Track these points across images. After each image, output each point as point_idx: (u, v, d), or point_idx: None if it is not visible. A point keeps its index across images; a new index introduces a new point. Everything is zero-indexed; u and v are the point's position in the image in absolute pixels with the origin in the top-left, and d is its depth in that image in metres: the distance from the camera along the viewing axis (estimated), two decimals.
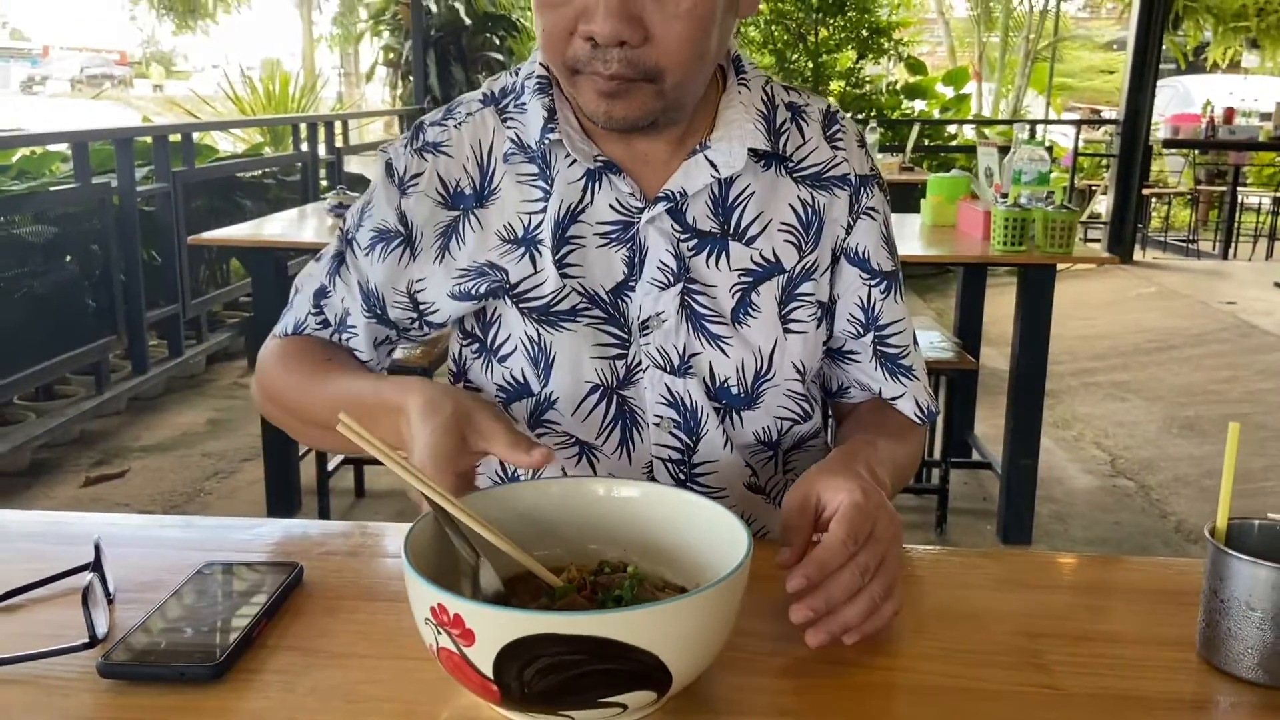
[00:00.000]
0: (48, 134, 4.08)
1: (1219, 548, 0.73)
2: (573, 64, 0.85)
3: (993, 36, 12.66)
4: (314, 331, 1.01)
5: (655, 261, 0.94)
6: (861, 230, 0.99)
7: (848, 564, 0.72)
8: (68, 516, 0.98)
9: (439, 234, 0.97)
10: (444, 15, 8.05)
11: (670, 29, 0.82)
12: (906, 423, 1.03)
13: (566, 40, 0.84)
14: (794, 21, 7.76)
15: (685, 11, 0.82)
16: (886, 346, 1.02)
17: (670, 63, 0.83)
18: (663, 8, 0.81)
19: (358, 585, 0.84)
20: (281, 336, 1.02)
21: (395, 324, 1.00)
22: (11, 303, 3.57)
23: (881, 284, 1.01)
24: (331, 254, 1.02)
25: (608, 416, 0.97)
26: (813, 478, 0.79)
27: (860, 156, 1.01)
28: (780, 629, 0.77)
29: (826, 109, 1.02)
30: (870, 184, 1.00)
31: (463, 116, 0.98)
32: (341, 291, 1.00)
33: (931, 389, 1.06)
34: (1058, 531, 3.16)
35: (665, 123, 0.90)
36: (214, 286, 5.00)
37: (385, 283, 0.98)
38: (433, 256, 0.97)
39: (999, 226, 2.76)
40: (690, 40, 0.83)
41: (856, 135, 1.02)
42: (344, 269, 1.00)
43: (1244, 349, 5.17)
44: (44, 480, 3.47)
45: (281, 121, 7.08)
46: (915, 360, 1.04)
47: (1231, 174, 8.51)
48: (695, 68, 0.86)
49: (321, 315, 1.01)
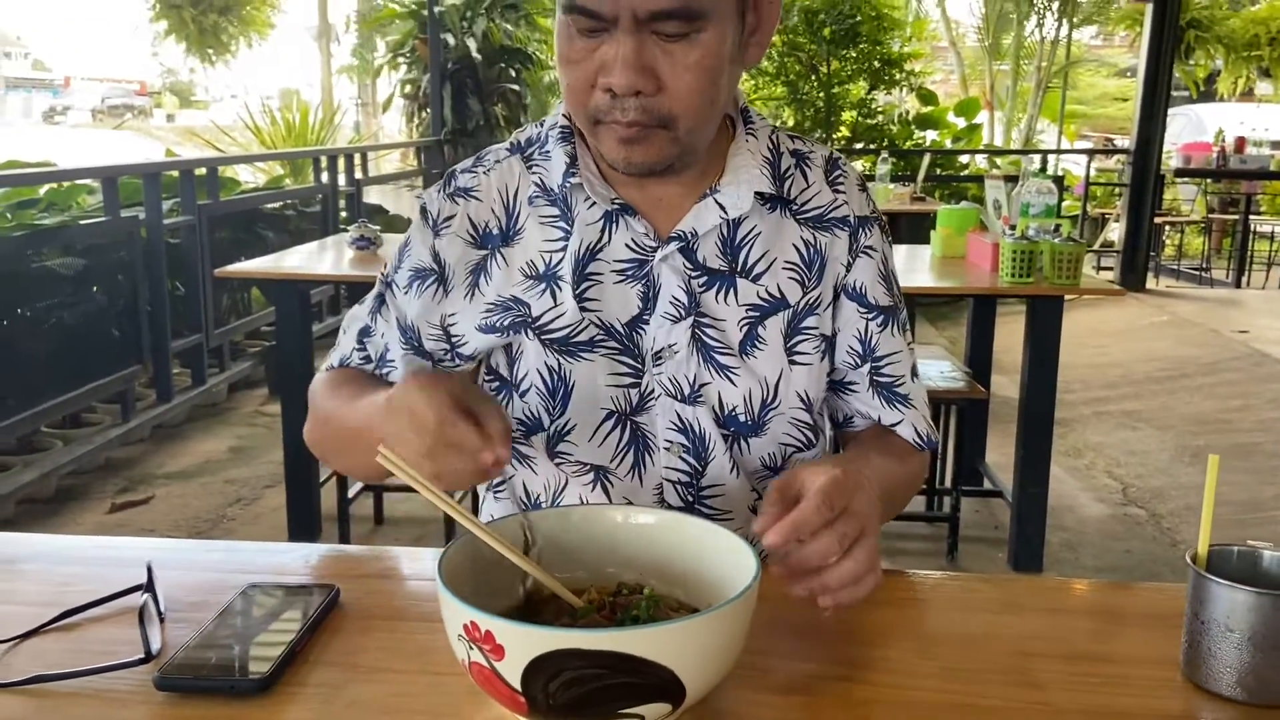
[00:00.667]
0: (79, 169, 4.18)
1: (1199, 573, 0.77)
2: (594, 114, 0.92)
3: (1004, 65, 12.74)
4: (358, 365, 1.10)
5: (668, 297, 1.01)
6: (860, 268, 1.06)
7: (826, 530, 0.77)
8: (119, 541, 1.04)
9: (469, 272, 1.04)
10: (461, 49, 8.19)
11: (681, 79, 0.89)
12: (906, 447, 1.08)
13: (588, 93, 0.92)
14: (806, 53, 7.86)
15: (694, 63, 0.89)
16: (883, 376, 1.07)
17: (682, 109, 0.91)
18: (673, 61, 0.89)
19: (391, 606, 0.89)
20: (328, 370, 1.11)
21: (430, 355, 1.07)
22: (41, 333, 3.66)
23: (878, 318, 1.07)
24: (374, 295, 1.10)
25: (621, 441, 1.03)
26: (798, 468, 0.85)
27: (860, 199, 1.07)
28: (789, 647, 0.82)
29: (829, 155, 1.09)
30: (869, 224, 1.07)
31: (491, 164, 1.06)
32: (382, 328, 1.08)
33: (932, 420, 1.11)
34: (1068, 559, 3.19)
35: (680, 166, 0.97)
36: (235, 316, 5.09)
37: (420, 316, 1.05)
38: (464, 293, 1.04)
39: (1007, 258, 2.81)
40: (699, 90, 0.90)
41: (857, 180, 1.09)
42: (384, 308, 1.08)
43: (1256, 378, 5.18)
44: (71, 507, 3.54)
45: (304, 155, 7.20)
46: (913, 390, 1.09)
47: (1244, 202, 8.54)
48: (705, 114, 0.93)
49: (364, 351, 1.09)
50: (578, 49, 0.91)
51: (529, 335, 1.02)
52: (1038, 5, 11.67)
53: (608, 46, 0.89)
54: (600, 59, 0.90)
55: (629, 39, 0.87)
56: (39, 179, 4.20)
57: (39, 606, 0.86)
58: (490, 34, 8.32)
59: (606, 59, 0.89)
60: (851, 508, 0.79)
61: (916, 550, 3.22)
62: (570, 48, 0.91)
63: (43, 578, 0.95)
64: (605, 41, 0.89)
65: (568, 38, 0.91)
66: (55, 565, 0.98)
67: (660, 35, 0.88)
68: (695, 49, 0.89)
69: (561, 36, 0.92)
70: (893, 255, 1.10)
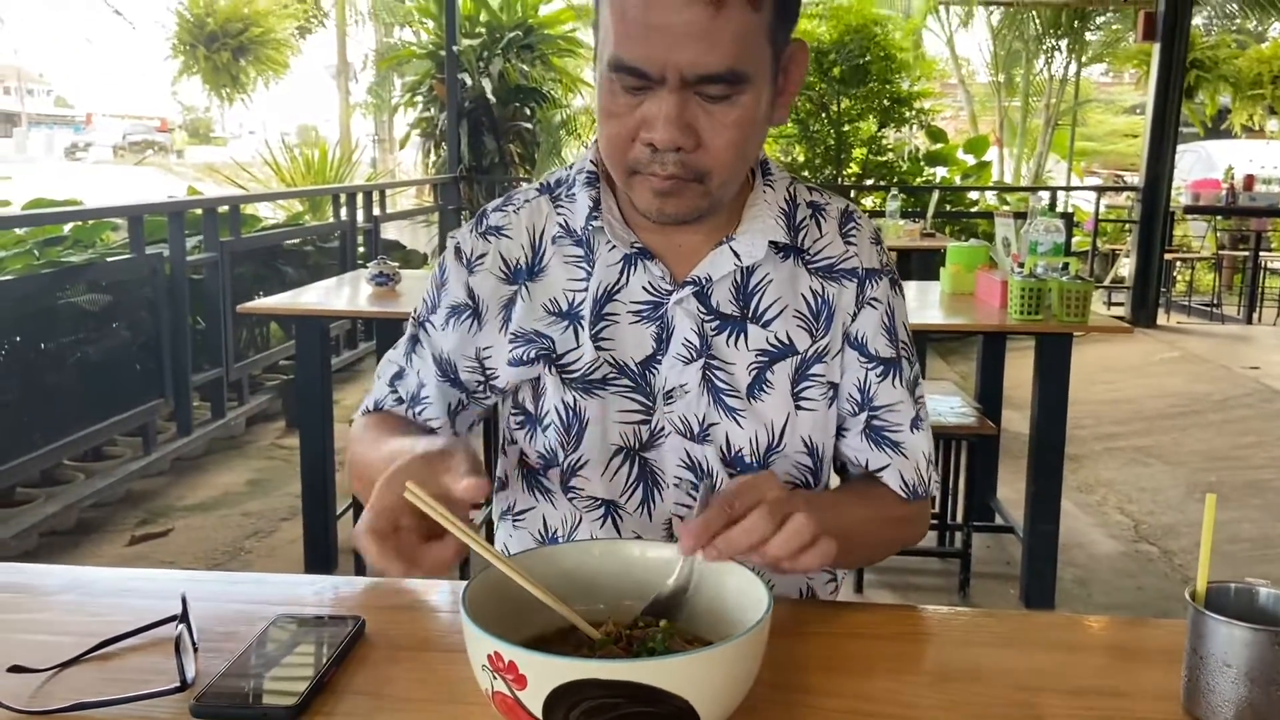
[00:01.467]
0: (107, 209, 4.27)
1: (1198, 609, 0.80)
2: (633, 166, 0.97)
3: (1013, 102, 12.83)
4: (391, 407, 1.14)
5: (681, 338, 1.04)
6: (863, 318, 1.09)
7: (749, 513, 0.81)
8: (152, 573, 1.08)
9: (501, 306, 1.09)
10: (477, 88, 8.31)
11: (719, 136, 0.94)
12: (888, 495, 1.09)
13: (628, 145, 0.96)
14: (817, 92, 7.94)
15: (733, 123, 0.94)
16: (878, 423, 1.09)
17: (716, 166, 0.96)
18: (713, 121, 0.93)
19: (415, 637, 0.92)
20: (363, 414, 1.16)
21: (465, 386, 1.11)
22: (66, 367, 3.72)
23: (878, 368, 1.09)
24: (407, 337, 1.15)
25: (631, 477, 1.06)
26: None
27: (871, 252, 1.10)
28: (801, 678, 0.85)
29: (845, 208, 1.12)
30: (876, 277, 1.10)
31: (520, 203, 1.11)
32: (417, 366, 1.12)
33: (926, 474, 1.10)
34: (1080, 596, 3.19)
35: (706, 216, 1.02)
36: (255, 350, 5.15)
37: (456, 350, 1.10)
38: (497, 327, 1.09)
39: (1016, 296, 2.84)
40: (735, 146, 0.95)
41: (871, 233, 1.12)
42: (418, 348, 1.12)
43: (1267, 414, 5.18)
44: (91, 539, 3.58)
45: (324, 192, 7.31)
46: (908, 440, 1.09)
47: (1254, 239, 8.55)
48: (738, 170, 0.98)
49: (397, 394, 1.14)
50: (621, 104, 0.95)
51: (551, 371, 1.06)
52: (1046, 44, 11.76)
53: (651, 104, 0.93)
54: (642, 115, 0.94)
55: (673, 97, 0.92)
56: (67, 217, 4.28)
57: (77, 636, 0.90)
58: (506, 73, 8.45)
59: (649, 115, 0.93)
60: (769, 499, 0.83)
61: (929, 586, 3.22)
62: (614, 102, 0.95)
63: (79, 608, 0.98)
64: (649, 98, 0.93)
65: (611, 93, 0.95)
66: (90, 596, 1.01)
67: (703, 96, 0.92)
68: (735, 110, 0.93)
69: (605, 91, 0.96)
70: (904, 308, 1.13)
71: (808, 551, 0.83)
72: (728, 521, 0.81)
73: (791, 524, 0.82)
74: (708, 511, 0.82)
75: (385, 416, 1.14)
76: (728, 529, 0.81)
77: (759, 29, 0.92)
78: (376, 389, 1.16)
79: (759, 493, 0.83)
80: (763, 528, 0.81)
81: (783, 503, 0.83)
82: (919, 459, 1.10)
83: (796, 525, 0.82)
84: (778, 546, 0.81)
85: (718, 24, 0.89)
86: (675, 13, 0.89)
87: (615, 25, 0.92)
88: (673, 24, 0.89)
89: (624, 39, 0.91)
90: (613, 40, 0.93)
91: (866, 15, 8.24)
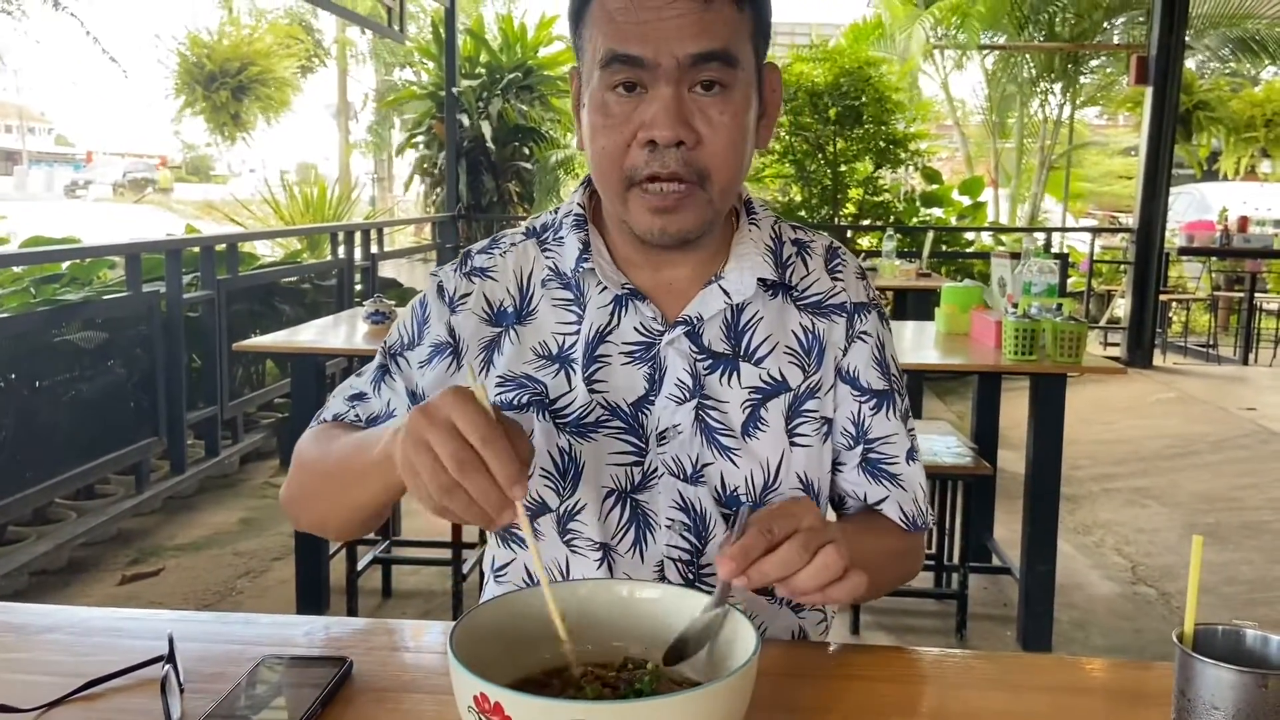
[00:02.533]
0: (104, 247, 4.29)
1: (1185, 651, 0.80)
2: (630, 175, 0.98)
3: (1008, 144, 12.95)
4: (351, 422, 1.11)
5: (673, 379, 1.05)
6: (854, 352, 1.10)
7: (783, 544, 0.81)
8: (139, 612, 1.07)
9: (483, 348, 1.08)
10: (476, 128, 8.38)
11: (717, 134, 0.96)
12: (891, 526, 1.10)
13: (624, 154, 0.97)
14: (813, 133, 8.02)
15: (729, 119, 0.96)
16: (874, 455, 1.10)
17: (717, 165, 0.97)
18: (709, 118, 0.96)
19: (402, 679, 0.92)
20: (317, 424, 1.13)
21: None
22: (60, 406, 3.72)
23: (870, 400, 1.09)
24: (375, 366, 1.12)
25: (623, 519, 1.06)
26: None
27: (858, 286, 1.12)
28: None
29: (829, 245, 1.14)
30: (865, 310, 1.11)
31: (507, 246, 1.12)
32: (386, 396, 1.10)
33: (924, 505, 1.12)
34: (1078, 638, 3.17)
35: (705, 237, 1.03)
36: (249, 388, 5.15)
37: (433, 387, 1.08)
38: (477, 368, 1.08)
39: (1010, 336, 2.85)
40: (733, 144, 0.97)
41: (856, 269, 1.13)
42: (388, 378, 1.10)
43: (1264, 455, 5.18)
44: (82, 578, 3.55)
45: (321, 230, 7.35)
46: (905, 472, 1.11)
47: (1249, 280, 8.59)
48: (735, 174, 1.00)
49: (355, 413, 1.11)
50: (615, 111, 0.96)
51: (544, 417, 1.06)
52: (1040, 87, 11.90)
53: (646, 105, 0.95)
54: (639, 118, 0.95)
55: (670, 90, 0.94)
56: (64, 255, 4.30)
57: (63, 676, 0.89)
58: (505, 113, 8.53)
59: (645, 116, 0.95)
60: (805, 526, 0.83)
61: (925, 628, 3.20)
62: (606, 112, 0.97)
63: (66, 648, 0.98)
64: (643, 100, 0.95)
65: (602, 103, 0.97)
66: (78, 636, 1.01)
67: (699, 87, 0.95)
68: (729, 105, 0.96)
69: (595, 106, 0.98)
70: (892, 340, 1.14)
71: (836, 585, 0.83)
72: (767, 547, 0.81)
73: (821, 557, 0.82)
74: (746, 536, 0.82)
75: (345, 425, 1.11)
76: (765, 556, 0.81)
77: (743, 27, 0.97)
78: (333, 405, 1.13)
79: (796, 520, 0.84)
80: (796, 560, 0.81)
81: (818, 532, 0.83)
82: (916, 490, 1.11)
83: (826, 559, 0.82)
84: (806, 579, 0.82)
85: (708, 14, 0.94)
86: (666, 5, 0.93)
87: (605, 29, 0.95)
88: (664, 14, 0.93)
89: (617, 35, 0.94)
90: (603, 41, 0.95)
91: (861, 58, 8.35)
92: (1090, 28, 10.95)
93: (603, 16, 0.95)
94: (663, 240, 1.00)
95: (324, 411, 1.13)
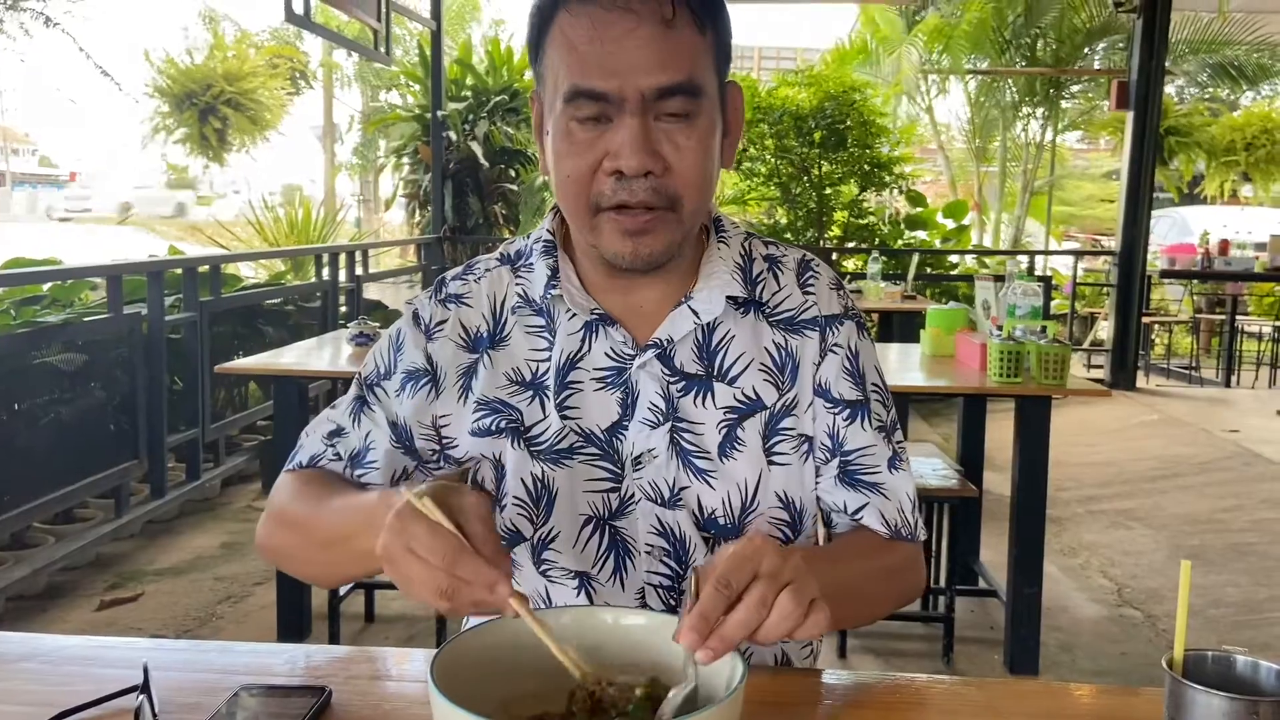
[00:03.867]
0: (85, 268, 4.25)
1: (1175, 678, 0.79)
2: (597, 201, 0.97)
3: (991, 168, 13.06)
4: (329, 463, 1.09)
5: (646, 403, 1.04)
6: (826, 364, 1.08)
7: (743, 599, 0.77)
8: (114, 641, 1.05)
9: (460, 375, 1.07)
10: (462, 150, 8.39)
11: (685, 159, 0.95)
12: (877, 541, 1.07)
13: (590, 180, 0.96)
14: (798, 156, 8.06)
15: (695, 144, 0.96)
16: (851, 467, 1.07)
17: (686, 189, 0.96)
18: (675, 144, 0.95)
19: (381, 709, 0.90)
20: (296, 469, 1.10)
21: (419, 454, 1.08)
22: (39, 429, 3.68)
23: (844, 412, 1.07)
24: (352, 398, 1.11)
25: (602, 546, 1.05)
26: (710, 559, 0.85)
27: (830, 298, 1.10)
28: None
29: (801, 258, 1.12)
30: (837, 322, 1.09)
31: (481, 272, 1.11)
32: (366, 428, 1.08)
33: (911, 515, 1.08)
34: (1065, 662, 3.16)
35: (675, 259, 1.02)
36: (232, 410, 5.11)
37: (412, 416, 1.07)
38: (456, 396, 1.07)
39: (995, 359, 2.86)
40: (700, 168, 0.97)
41: (830, 280, 1.11)
42: (366, 410, 1.09)
43: (1248, 478, 5.20)
44: (60, 603, 3.50)
45: (306, 252, 7.32)
46: (887, 481, 1.07)
47: (1230, 303, 8.66)
48: (705, 196, 0.99)
49: (335, 450, 1.09)
50: (580, 139, 0.95)
51: (517, 445, 1.04)
52: (1022, 112, 12.01)
53: (612, 134, 0.94)
54: (604, 146, 0.94)
55: (636, 121, 0.93)
56: (45, 277, 4.27)
57: (35, 706, 0.87)
58: (491, 136, 8.55)
59: (611, 146, 0.94)
60: (763, 571, 0.79)
61: (912, 651, 3.19)
62: (571, 140, 0.95)
63: (38, 678, 0.96)
64: (607, 130, 0.94)
65: (566, 132, 0.95)
66: (51, 665, 0.99)
67: (664, 117, 0.94)
68: (694, 131, 0.95)
69: (560, 134, 0.96)
70: (872, 351, 1.12)
71: (800, 628, 0.79)
72: (727, 606, 0.77)
73: (778, 610, 0.78)
74: (704, 598, 0.77)
75: (324, 474, 1.08)
76: (725, 615, 0.77)
77: (706, 52, 0.96)
78: (309, 444, 1.10)
79: (753, 564, 0.79)
80: (755, 618, 0.77)
81: (776, 576, 0.79)
82: (901, 499, 1.08)
83: (784, 610, 0.78)
84: (768, 632, 0.78)
85: (670, 41, 0.92)
86: (628, 34, 0.91)
87: (567, 59, 0.93)
88: (626, 45, 0.91)
89: (579, 69, 0.93)
90: (566, 74, 0.94)
91: (846, 81, 8.41)
92: (1071, 52, 11.08)
93: (564, 45, 0.94)
94: (634, 264, 0.99)
95: (299, 453, 1.11)
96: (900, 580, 1.09)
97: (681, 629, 0.76)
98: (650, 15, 0.91)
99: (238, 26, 16.71)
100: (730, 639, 0.76)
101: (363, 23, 5.78)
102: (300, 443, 1.11)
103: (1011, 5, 10.66)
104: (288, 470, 1.10)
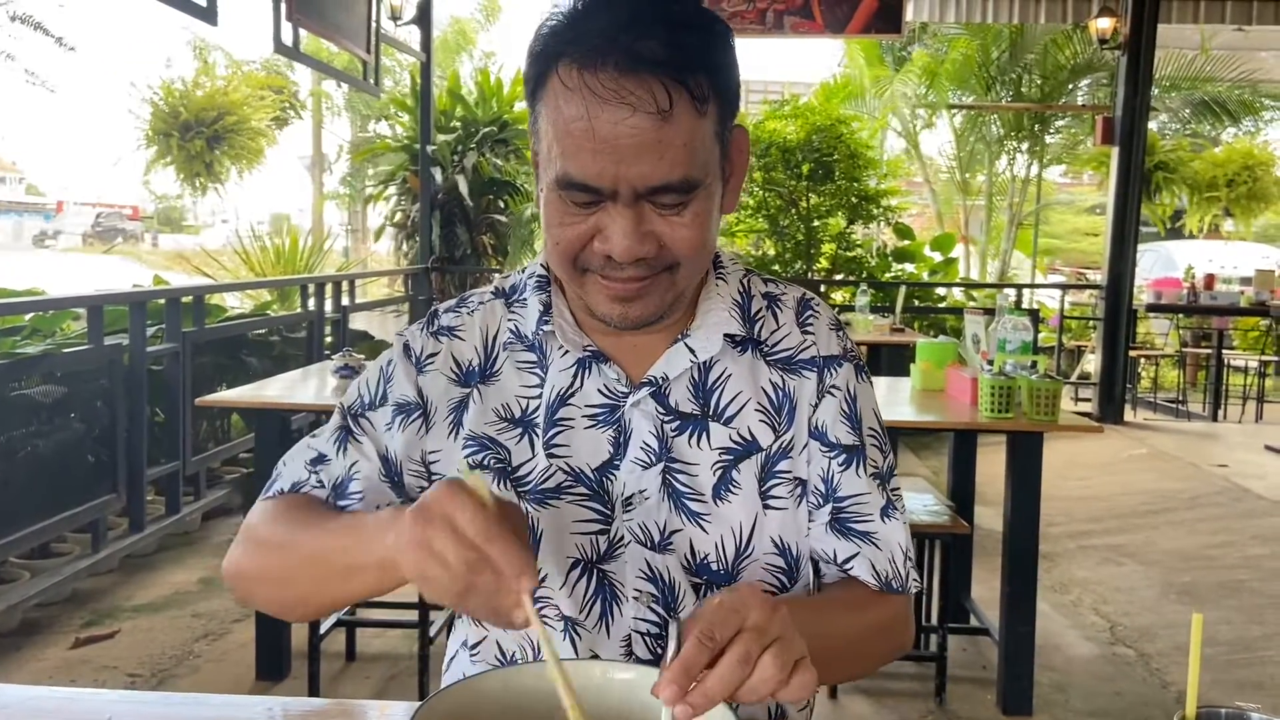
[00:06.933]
0: (65, 299, 4.21)
1: None
2: (585, 265, 0.93)
3: (977, 201, 13.15)
4: (313, 490, 1.04)
5: (639, 442, 1.00)
6: (823, 407, 1.04)
7: (726, 653, 0.74)
8: (81, 692, 1.00)
9: (451, 409, 1.04)
10: (451, 181, 8.39)
11: (679, 235, 0.92)
12: (867, 594, 1.03)
13: (580, 250, 0.93)
14: (786, 189, 8.09)
15: (690, 223, 0.91)
16: (844, 514, 1.03)
17: (683, 259, 0.93)
18: (670, 223, 0.91)
19: None
20: (276, 496, 1.05)
21: (406, 490, 1.04)
22: (15, 462, 3.61)
23: (840, 456, 1.03)
24: (335, 427, 1.06)
25: (589, 591, 1.00)
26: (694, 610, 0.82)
27: (829, 339, 1.07)
28: None
29: (801, 297, 1.09)
30: (836, 363, 1.05)
31: (475, 305, 1.08)
32: (352, 458, 1.03)
33: (904, 567, 1.04)
34: (1058, 701, 3.11)
35: (668, 315, 0.98)
36: (215, 442, 5.04)
37: (403, 452, 1.03)
38: (446, 431, 1.04)
39: (986, 394, 2.83)
40: (698, 240, 0.93)
41: (829, 320, 1.08)
42: (351, 440, 1.04)
43: (1238, 513, 5.18)
44: (34, 641, 3.42)
45: (291, 282, 7.27)
46: (880, 530, 1.03)
47: (1216, 337, 8.70)
48: (703, 259, 0.96)
49: (318, 477, 1.04)
50: (572, 216, 0.92)
51: (504, 485, 1.01)
52: (1008, 146, 12.11)
53: (604, 215, 0.90)
54: (595, 223, 0.91)
55: (629, 210, 0.89)
56: (25, 308, 4.22)
57: None
58: (480, 167, 8.55)
59: (603, 224, 0.90)
60: (749, 625, 0.76)
61: (904, 691, 3.14)
62: (563, 213, 0.92)
63: None
64: (599, 211, 0.90)
65: (560, 209, 0.92)
66: (15, 716, 0.94)
67: (658, 205, 0.90)
68: (690, 212, 0.91)
69: (552, 205, 0.92)
70: (871, 394, 1.08)
71: (784, 689, 0.76)
72: (711, 658, 0.74)
73: (759, 671, 0.75)
74: (686, 649, 0.74)
75: (309, 499, 1.03)
76: (708, 668, 0.74)
77: (707, 132, 0.90)
78: (289, 472, 1.05)
79: (740, 617, 0.76)
80: (737, 676, 0.74)
81: (761, 631, 0.76)
82: (893, 548, 1.03)
83: (765, 672, 0.75)
84: (749, 692, 0.75)
85: (666, 134, 0.87)
86: (621, 125, 0.86)
87: (560, 141, 0.89)
88: (619, 137, 0.86)
89: (570, 156, 0.88)
90: (558, 155, 0.89)
91: (833, 115, 8.46)
92: (1056, 88, 11.19)
93: (557, 115, 0.88)
94: (623, 325, 0.96)
95: (278, 480, 1.06)
96: (887, 639, 1.05)
97: (661, 682, 0.73)
98: (645, 105, 0.86)
99: (229, 57, 16.74)
100: (713, 696, 0.73)
101: (352, 54, 5.78)
102: (278, 471, 1.06)
103: (996, 42, 10.78)
104: (265, 498, 1.05)
